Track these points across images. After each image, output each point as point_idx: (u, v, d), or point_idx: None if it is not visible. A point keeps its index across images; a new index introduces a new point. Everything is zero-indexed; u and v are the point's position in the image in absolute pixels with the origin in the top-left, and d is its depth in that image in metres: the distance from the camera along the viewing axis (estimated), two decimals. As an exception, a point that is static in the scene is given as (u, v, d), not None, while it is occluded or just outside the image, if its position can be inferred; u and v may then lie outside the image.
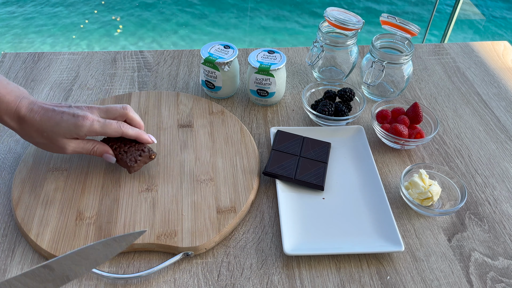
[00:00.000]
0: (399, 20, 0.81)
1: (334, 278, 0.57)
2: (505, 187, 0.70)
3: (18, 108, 0.60)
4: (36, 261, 0.57)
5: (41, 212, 0.60)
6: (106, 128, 0.61)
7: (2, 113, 0.59)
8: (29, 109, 0.60)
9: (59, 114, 0.60)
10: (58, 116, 0.60)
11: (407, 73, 0.82)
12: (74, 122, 0.60)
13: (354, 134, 0.75)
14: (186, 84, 0.87)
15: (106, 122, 0.61)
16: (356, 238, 0.60)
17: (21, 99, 0.60)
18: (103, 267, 0.56)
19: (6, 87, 0.60)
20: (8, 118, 0.60)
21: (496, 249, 0.61)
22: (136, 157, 0.64)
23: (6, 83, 0.60)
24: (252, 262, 0.58)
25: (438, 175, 0.68)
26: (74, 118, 0.60)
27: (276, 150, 0.70)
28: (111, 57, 0.94)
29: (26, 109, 0.60)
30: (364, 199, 0.65)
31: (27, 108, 0.60)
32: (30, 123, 0.60)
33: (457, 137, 0.78)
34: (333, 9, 0.85)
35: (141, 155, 0.64)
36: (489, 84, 0.91)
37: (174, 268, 0.57)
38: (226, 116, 0.77)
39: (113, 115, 0.63)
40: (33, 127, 0.60)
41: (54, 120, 0.60)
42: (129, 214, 0.61)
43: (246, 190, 0.65)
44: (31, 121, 0.60)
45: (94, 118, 0.61)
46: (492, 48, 1.03)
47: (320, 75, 0.89)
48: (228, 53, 0.78)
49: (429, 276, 0.57)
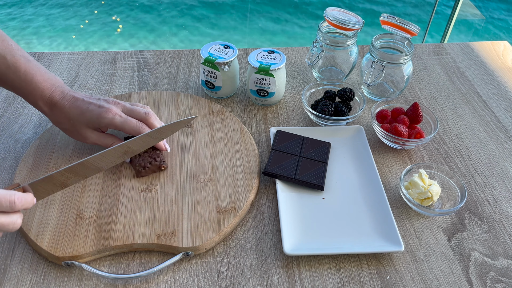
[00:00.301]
0: (399, 20, 0.81)
1: (334, 278, 0.57)
2: (505, 187, 0.70)
3: (51, 95, 0.64)
4: (36, 261, 0.57)
5: (41, 212, 0.60)
6: (126, 124, 0.64)
7: (37, 99, 0.64)
8: (61, 97, 0.64)
9: (86, 104, 0.64)
10: (85, 106, 0.64)
11: (407, 73, 0.82)
12: (98, 113, 0.63)
13: (354, 134, 0.75)
14: (186, 84, 0.87)
15: (127, 119, 0.64)
16: (356, 238, 0.60)
17: (56, 87, 0.65)
18: (103, 267, 0.56)
19: (43, 75, 0.64)
20: (42, 103, 0.65)
21: (496, 249, 0.61)
22: (146, 163, 0.65)
23: (44, 71, 0.65)
24: (252, 262, 0.58)
25: (438, 175, 0.68)
26: (99, 109, 0.63)
27: (276, 150, 0.70)
28: (111, 57, 0.94)
29: (58, 96, 0.64)
30: (364, 199, 0.65)
31: (60, 95, 0.64)
32: (60, 110, 0.64)
33: (457, 137, 0.78)
34: (333, 9, 0.85)
35: (151, 163, 0.65)
36: (489, 84, 0.91)
37: (174, 268, 0.57)
38: (226, 116, 0.77)
39: (135, 116, 0.66)
40: (62, 114, 0.64)
41: (81, 109, 0.64)
42: (129, 214, 0.61)
43: (246, 190, 0.65)
44: (61, 108, 0.64)
45: (117, 113, 0.64)
46: (492, 48, 1.03)
47: (320, 75, 0.89)
48: (228, 53, 0.78)
49: (429, 276, 0.57)
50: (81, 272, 0.56)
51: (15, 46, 0.64)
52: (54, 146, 0.70)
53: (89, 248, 0.56)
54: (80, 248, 0.56)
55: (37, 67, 0.64)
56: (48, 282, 0.55)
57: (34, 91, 0.64)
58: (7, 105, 0.80)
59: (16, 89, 0.65)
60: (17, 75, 0.63)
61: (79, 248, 0.56)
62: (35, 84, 0.63)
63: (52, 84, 0.64)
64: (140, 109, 0.66)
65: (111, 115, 0.63)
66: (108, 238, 0.57)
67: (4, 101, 0.81)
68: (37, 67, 0.64)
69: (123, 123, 0.64)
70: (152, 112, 0.67)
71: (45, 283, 0.55)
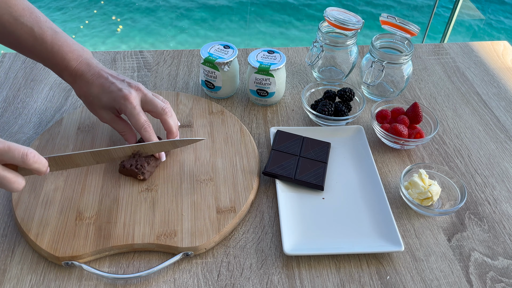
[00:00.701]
0: (398, 20, 0.81)
1: (334, 278, 0.57)
2: (505, 187, 0.70)
3: (77, 67, 0.64)
4: (36, 261, 0.57)
5: (41, 212, 0.60)
6: (133, 118, 0.63)
7: (63, 69, 0.64)
8: (87, 70, 0.64)
9: (108, 83, 0.63)
10: (107, 85, 0.63)
11: (407, 73, 0.82)
12: (116, 95, 0.63)
13: (354, 134, 0.75)
14: (185, 84, 0.87)
15: (136, 115, 0.63)
16: (356, 238, 0.60)
17: (82, 58, 0.64)
18: (103, 267, 0.56)
19: (71, 46, 0.64)
20: (67, 74, 0.65)
21: (496, 249, 0.61)
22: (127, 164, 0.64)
23: (72, 42, 0.65)
24: (252, 262, 0.58)
25: (438, 175, 0.68)
26: (118, 92, 0.63)
27: (276, 150, 0.70)
28: (111, 57, 0.94)
29: (84, 68, 0.64)
30: (363, 199, 0.65)
31: (86, 68, 0.64)
32: (84, 83, 0.64)
33: (456, 137, 0.78)
34: (332, 9, 0.85)
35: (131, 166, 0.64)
36: (488, 84, 0.91)
37: (174, 268, 0.57)
38: (226, 116, 0.77)
39: (151, 109, 0.65)
40: (84, 88, 0.64)
41: (102, 88, 0.63)
42: (129, 214, 0.61)
43: (246, 190, 0.65)
44: (85, 82, 0.64)
45: (132, 102, 0.63)
46: (491, 48, 1.03)
47: (320, 75, 0.89)
48: (227, 53, 0.78)
49: (429, 276, 0.57)
50: (81, 272, 0.56)
51: (43, 18, 0.63)
52: (54, 146, 0.70)
53: (89, 248, 0.56)
54: (80, 248, 0.56)
55: (64, 38, 0.64)
56: (48, 282, 0.55)
57: (60, 62, 0.63)
58: (7, 105, 0.80)
59: (43, 60, 0.64)
60: (44, 46, 0.63)
61: (79, 248, 0.56)
62: (61, 54, 0.63)
63: (78, 55, 0.64)
64: (158, 103, 0.65)
65: (124, 101, 0.62)
66: (108, 238, 0.57)
67: (4, 101, 0.81)
68: (64, 38, 0.64)
69: (131, 115, 0.63)
70: (169, 108, 0.66)
71: (45, 283, 0.55)
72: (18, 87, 0.84)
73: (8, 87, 0.84)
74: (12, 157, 0.50)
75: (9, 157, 0.50)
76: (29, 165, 0.51)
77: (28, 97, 0.82)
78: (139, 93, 0.64)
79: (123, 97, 0.62)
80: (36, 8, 0.64)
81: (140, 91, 0.64)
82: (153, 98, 0.65)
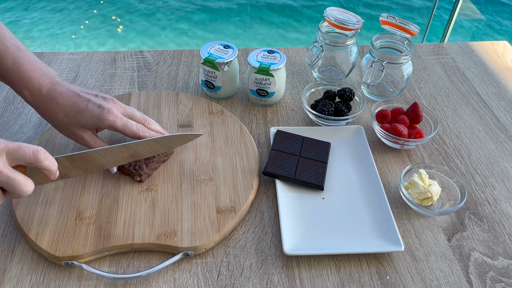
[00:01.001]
0: (398, 20, 0.81)
1: (333, 278, 0.57)
2: (505, 187, 0.70)
3: (40, 86, 0.60)
4: (35, 261, 0.57)
5: (41, 212, 0.60)
6: (126, 128, 0.62)
7: (23, 88, 0.60)
8: (53, 89, 0.60)
9: (85, 102, 0.60)
10: (83, 104, 0.60)
11: (407, 73, 0.82)
12: (99, 114, 0.60)
13: (353, 134, 0.75)
14: (185, 84, 0.87)
15: (128, 122, 0.62)
16: (356, 238, 0.60)
17: (46, 77, 0.61)
18: (103, 267, 0.56)
19: (33, 64, 0.61)
20: (28, 93, 0.61)
21: (496, 249, 0.61)
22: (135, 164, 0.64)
23: (34, 60, 0.61)
24: (252, 262, 0.58)
25: (438, 175, 0.68)
26: (100, 110, 0.60)
27: (276, 150, 0.70)
28: (111, 57, 0.94)
29: (48, 88, 0.60)
30: (363, 199, 0.65)
31: (51, 87, 0.60)
32: (54, 104, 0.60)
33: (456, 137, 0.78)
34: (332, 9, 0.85)
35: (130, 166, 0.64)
36: (488, 84, 0.91)
37: (174, 268, 0.57)
38: (226, 116, 0.77)
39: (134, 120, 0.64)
40: (55, 108, 0.60)
41: (79, 107, 0.60)
42: (129, 214, 0.61)
43: (246, 190, 0.65)
44: (55, 102, 0.60)
45: (118, 115, 0.61)
46: (491, 48, 1.03)
47: (320, 75, 0.89)
48: (227, 53, 0.78)
49: (429, 276, 0.57)
50: (81, 272, 0.56)
51: (8, 35, 0.61)
52: (54, 146, 0.70)
53: (89, 248, 0.56)
54: (80, 248, 0.56)
55: (27, 56, 0.61)
56: (48, 282, 0.55)
57: (20, 80, 0.60)
58: (7, 105, 0.80)
59: (3, 77, 0.61)
60: (4, 62, 0.60)
61: (79, 248, 0.56)
62: (21, 72, 0.60)
63: (41, 74, 0.61)
64: (138, 114, 0.65)
65: (112, 117, 0.60)
66: (108, 238, 0.57)
67: (4, 101, 0.81)
68: (27, 56, 0.61)
69: (124, 126, 0.62)
70: (148, 117, 0.66)
71: (45, 283, 0.55)
72: (18, 87, 0.84)
73: (8, 87, 0.84)
74: (23, 154, 0.49)
75: (20, 155, 0.49)
76: (40, 161, 0.50)
77: (28, 97, 0.82)
78: (118, 106, 0.63)
79: (108, 113, 0.60)
80: (3, 25, 0.62)
81: (118, 104, 0.63)
82: (132, 110, 0.64)
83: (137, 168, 0.64)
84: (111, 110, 0.61)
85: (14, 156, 0.49)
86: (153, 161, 0.65)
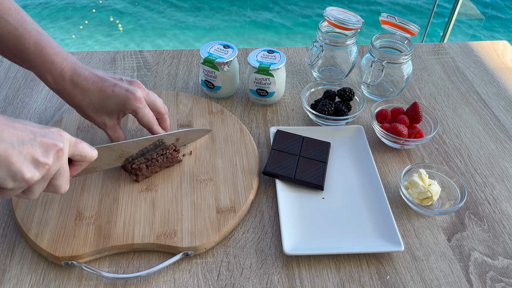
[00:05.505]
0: (398, 19, 0.81)
1: (333, 278, 0.57)
2: (505, 187, 0.70)
3: (63, 71, 0.60)
4: (35, 261, 0.57)
5: (41, 212, 0.60)
6: (144, 117, 0.62)
7: (46, 72, 0.60)
8: (76, 74, 0.60)
9: (111, 87, 0.60)
10: (110, 89, 0.60)
11: (407, 72, 0.82)
12: (126, 99, 0.60)
13: (353, 134, 0.75)
14: (185, 84, 0.87)
15: (150, 112, 0.62)
16: (356, 237, 0.60)
17: (68, 62, 0.60)
18: (103, 267, 0.56)
19: (54, 48, 0.60)
20: (51, 78, 0.60)
21: (496, 249, 0.61)
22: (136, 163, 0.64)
23: (56, 45, 0.61)
24: (251, 262, 0.58)
25: (438, 174, 0.68)
26: (127, 94, 0.60)
27: (275, 150, 0.70)
28: (111, 57, 0.94)
29: (72, 73, 0.60)
30: (363, 198, 0.65)
31: (74, 72, 0.60)
32: (78, 90, 0.60)
33: (456, 137, 0.78)
34: (332, 8, 0.85)
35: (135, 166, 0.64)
36: (488, 83, 0.91)
37: (174, 268, 0.57)
38: (226, 116, 0.77)
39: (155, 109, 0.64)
40: (80, 95, 0.60)
41: (103, 92, 0.60)
42: (129, 214, 0.61)
43: (246, 190, 0.65)
44: (79, 88, 0.60)
45: (144, 103, 0.61)
46: (491, 47, 1.03)
47: (320, 75, 0.89)
48: (227, 53, 0.78)
49: (429, 276, 0.57)
50: (81, 272, 0.56)
51: (29, 20, 0.60)
52: (53, 146, 0.70)
53: (88, 248, 0.56)
54: (80, 248, 0.56)
55: (49, 40, 0.60)
56: (47, 282, 0.55)
57: (43, 64, 0.59)
58: (7, 105, 0.80)
59: (25, 61, 0.61)
60: (26, 47, 0.59)
61: (79, 248, 0.56)
62: (44, 56, 0.59)
63: (63, 58, 0.60)
64: (160, 103, 0.64)
65: (138, 103, 0.60)
66: (108, 238, 0.57)
67: (4, 101, 0.81)
68: (49, 41, 0.60)
69: (142, 114, 0.61)
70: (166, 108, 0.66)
71: (45, 283, 0.55)
72: (17, 86, 0.84)
73: (7, 86, 0.84)
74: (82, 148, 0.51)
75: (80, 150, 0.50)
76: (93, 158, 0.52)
77: (27, 96, 0.82)
78: (143, 90, 0.62)
79: (134, 99, 0.60)
80: (24, 11, 0.62)
81: (143, 89, 0.63)
82: (154, 97, 0.64)
83: (135, 167, 0.64)
84: (138, 96, 0.60)
85: (74, 149, 0.49)
86: (155, 164, 0.65)
